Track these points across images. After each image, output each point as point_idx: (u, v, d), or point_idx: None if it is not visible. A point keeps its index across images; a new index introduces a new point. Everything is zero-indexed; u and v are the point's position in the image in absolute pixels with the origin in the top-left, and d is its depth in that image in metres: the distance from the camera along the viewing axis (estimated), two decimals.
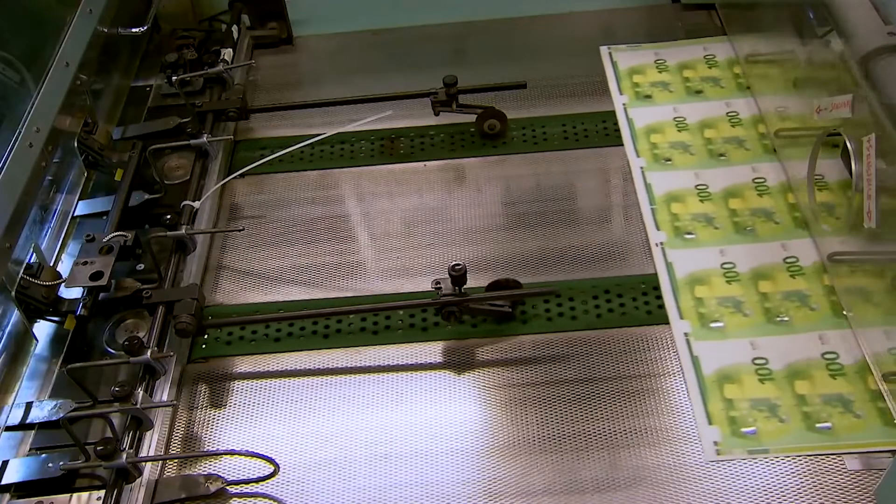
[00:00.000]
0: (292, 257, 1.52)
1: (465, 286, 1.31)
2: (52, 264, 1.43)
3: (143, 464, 1.19)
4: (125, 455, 1.15)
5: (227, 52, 1.82)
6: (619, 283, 1.42)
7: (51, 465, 1.21)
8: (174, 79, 1.72)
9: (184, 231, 1.44)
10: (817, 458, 1.16)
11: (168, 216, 1.45)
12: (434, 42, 1.94)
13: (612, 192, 1.59)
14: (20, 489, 1.20)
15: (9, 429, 1.26)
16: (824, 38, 1.38)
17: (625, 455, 1.20)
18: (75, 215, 1.53)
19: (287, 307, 1.43)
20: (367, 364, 1.35)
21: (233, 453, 1.23)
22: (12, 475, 1.21)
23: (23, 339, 1.30)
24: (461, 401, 1.29)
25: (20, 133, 1.36)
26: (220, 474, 1.20)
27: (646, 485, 1.16)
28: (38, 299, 1.37)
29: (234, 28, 1.91)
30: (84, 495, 1.19)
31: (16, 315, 1.28)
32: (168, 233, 1.43)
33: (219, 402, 1.32)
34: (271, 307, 1.44)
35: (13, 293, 1.27)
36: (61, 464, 1.20)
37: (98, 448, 1.15)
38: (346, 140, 1.71)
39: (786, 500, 1.13)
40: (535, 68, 1.81)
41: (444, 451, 1.22)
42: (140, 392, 1.22)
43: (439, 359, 1.35)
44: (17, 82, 1.44)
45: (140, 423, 1.22)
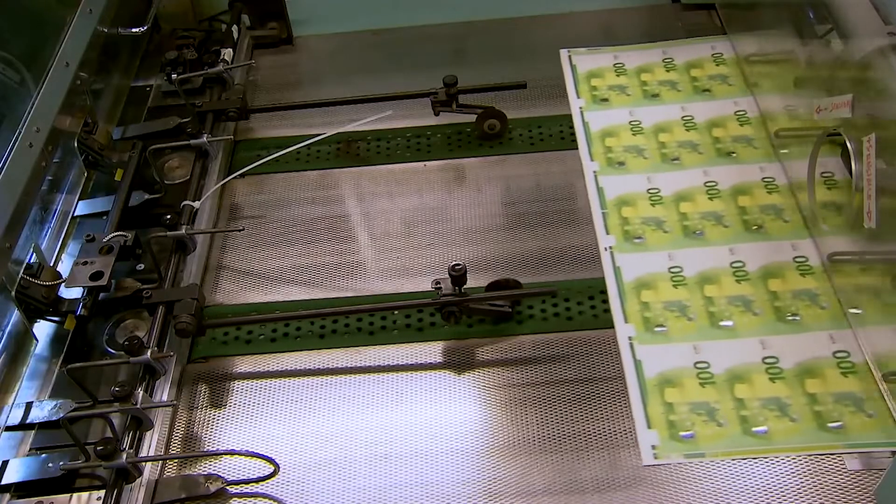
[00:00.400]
0: (292, 257, 1.52)
1: (465, 286, 1.32)
2: (52, 264, 1.43)
3: (143, 464, 1.19)
4: (125, 455, 1.15)
5: (227, 52, 1.82)
6: None
7: (51, 465, 1.21)
8: (174, 77, 1.72)
9: (184, 231, 1.44)
10: (818, 457, 1.16)
11: (168, 216, 1.44)
12: (434, 42, 1.94)
13: None
14: (20, 489, 1.20)
15: (9, 429, 1.26)
16: (824, 38, 1.38)
17: (625, 455, 1.20)
18: (75, 215, 1.53)
19: (287, 307, 1.43)
20: (367, 364, 1.35)
21: (233, 453, 1.23)
22: (12, 475, 1.21)
23: (23, 339, 1.30)
24: (461, 401, 1.29)
25: (20, 133, 1.36)
26: (220, 474, 1.20)
27: (646, 485, 1.16)
28: (38, 299, 1.37)
29: (234, 28, 1.91)
30: (84, 495, 1.19)
31: (16, 315, 1.28)
32: (168, 233, 1.43)
33: (219, 402, 1.32)
34: (271, 307, 1.44)
35: (13, 293, 1.27)
36: (61, 464, 1.20)
37: (98, 448, 1.15)
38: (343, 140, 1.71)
39: (786, 500, 1.13)
40: (535, 68, 1.81)
41: (444, 451, 1.23)
42: (140, 392, 1.22)
43: (439, 359, 1.35)
44: (17, 82, 1.44)
45: (140, 423, 1.22)
